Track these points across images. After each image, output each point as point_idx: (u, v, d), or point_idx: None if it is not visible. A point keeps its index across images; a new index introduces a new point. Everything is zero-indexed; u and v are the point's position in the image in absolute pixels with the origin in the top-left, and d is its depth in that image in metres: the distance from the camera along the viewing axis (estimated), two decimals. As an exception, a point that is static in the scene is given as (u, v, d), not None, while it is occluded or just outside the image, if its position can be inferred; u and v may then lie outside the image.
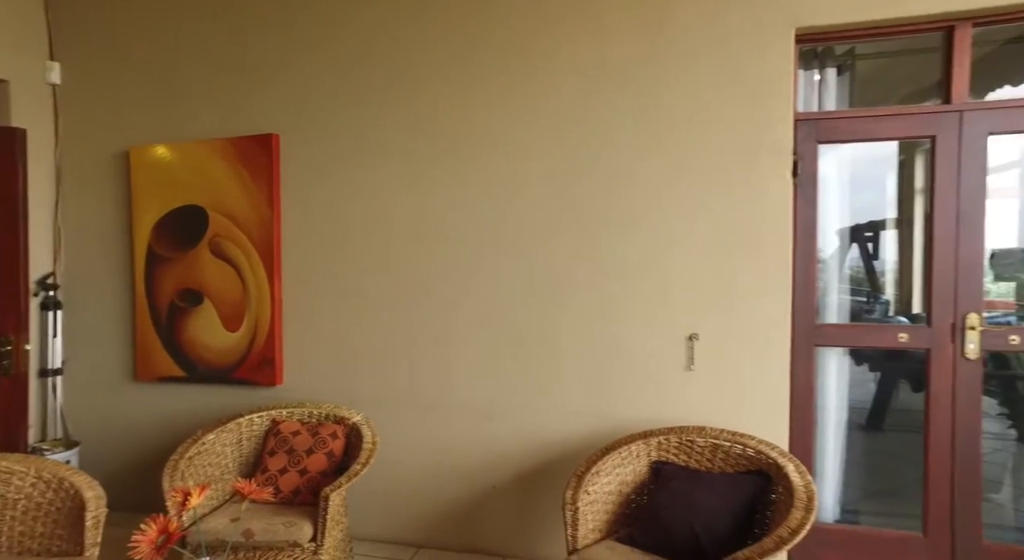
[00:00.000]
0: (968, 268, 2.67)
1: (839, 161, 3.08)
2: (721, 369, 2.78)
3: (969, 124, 2.66)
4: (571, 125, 2.92)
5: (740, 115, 2.76)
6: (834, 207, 3.09)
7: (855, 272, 4.26)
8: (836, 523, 2.96)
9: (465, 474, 3.08)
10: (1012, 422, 3.21)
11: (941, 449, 2.70)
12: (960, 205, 2.67)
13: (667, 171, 2.83)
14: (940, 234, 2.70)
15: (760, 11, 2.72)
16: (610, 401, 2.89)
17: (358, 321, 3.21)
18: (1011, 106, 2.67)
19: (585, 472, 2.41)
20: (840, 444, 3.03)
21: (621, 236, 2.88)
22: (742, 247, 2.76)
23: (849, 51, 3.04)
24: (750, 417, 2.73)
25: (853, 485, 3.14)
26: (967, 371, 2.67)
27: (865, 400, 3.92)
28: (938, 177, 2.70)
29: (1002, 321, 3.06)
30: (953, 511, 2.68)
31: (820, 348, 2.90)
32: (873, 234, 4.17)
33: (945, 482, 2.70)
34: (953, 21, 2.65)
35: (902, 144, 3.20)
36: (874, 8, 2.63)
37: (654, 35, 2.83)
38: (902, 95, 3.25)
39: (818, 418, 2.95)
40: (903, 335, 2.78)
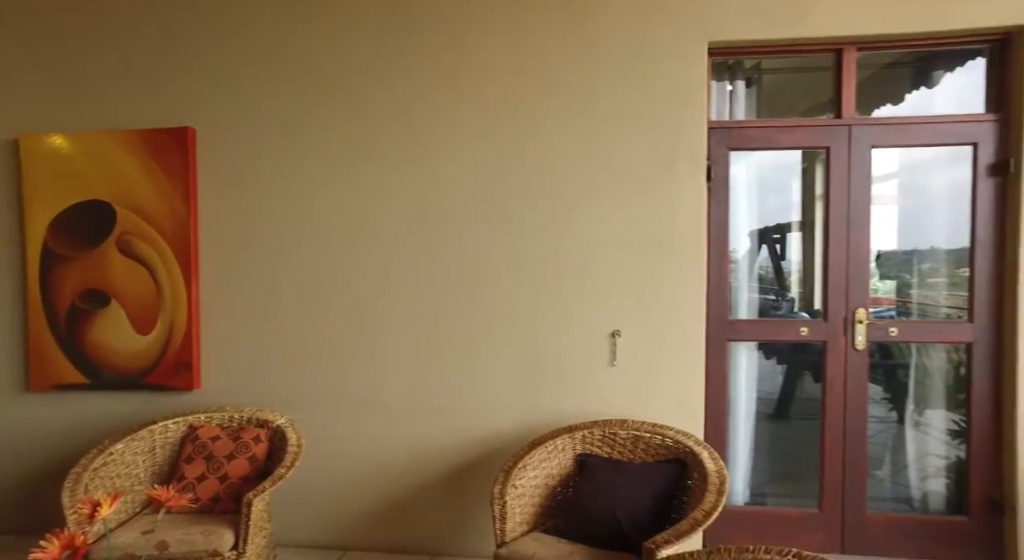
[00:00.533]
0: (857, 267, 2.94)
1: (751, 167, 3.31)
2: (642, 364, 2.92)
3: (856, 137, 2.93)
4: (497, 125, 2.98)
5: (659, 122, 2.91)
6: (746, 210, 3.32)
7: (765, 272, 4.57)
8: (746, 505, 3.19)
9: (394, 473, 3.07)
10: (893, 406, 3.56)
11: (835, 432, 2.96)
12: (850, 210, 2.94)
13: (591, 173, 2.94)
14: (834, 236, 2.97)
15: (677, 24, 2.88)
16: (537, 397, 2.97)
17: (283, 321, 3.12)
18: (889, 123, 2.97)
19: (512, 467, 2.47)
20: (750, 432, 3.25)
21: (546, 235, 2.96)
22: (660, 247, 2.91)
23: (756, 66, 3.27)
24: (669, 409, 2.89)
25: (761, 470, 3.38)
26: (856, 360, 2.94)
27: (774, 391, 4.21)
28: (831, 185, 2.96)
29: (885, 315, 3.38)
30: (844, 488, 2.95)
31: (732, 342, 3.11)
32: (780, 236, 4.49)
33: (837, 462, 2.96)
34: (841, 44, 2.91)
35: (804, 153, 3.47)
36: (775, 28, 2.85)
37: (578, 42, 2.93)
38: (803, 109, 3.52)
39: (730, 408, 3.16)
40: (804, 329, 3.03)
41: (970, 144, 2.86)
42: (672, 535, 2.01)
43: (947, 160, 3.08)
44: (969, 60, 3.00)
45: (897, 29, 2.81)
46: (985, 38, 2.85)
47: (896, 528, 2.96)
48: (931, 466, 3.17)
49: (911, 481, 3.20)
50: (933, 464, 3.17)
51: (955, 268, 3.18)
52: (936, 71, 3.19)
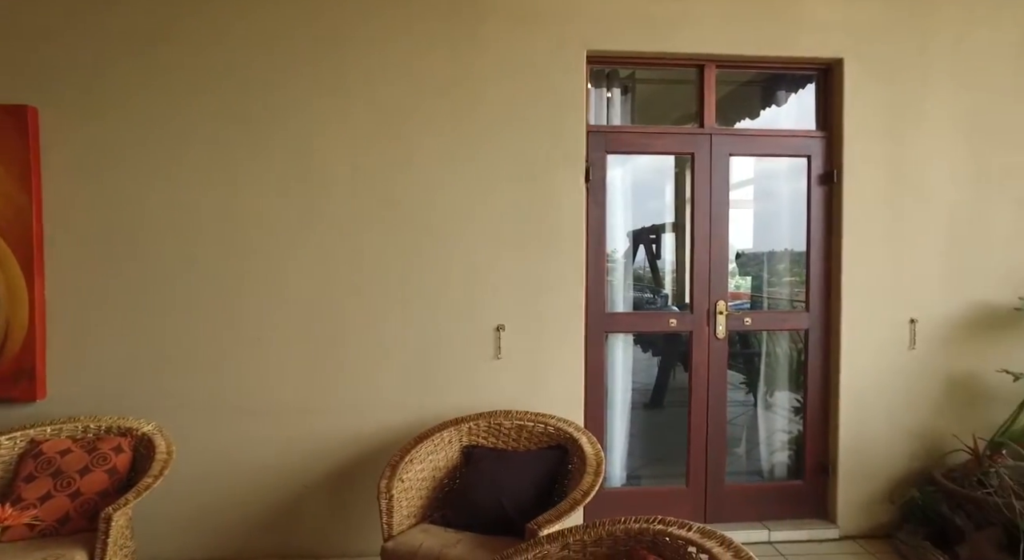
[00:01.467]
0: (718, 264, 3.25)
1: (631, 171, 3.54)
2: (525, 356, 3.03)
3: (716, 145, 3.23)
4: (388, 124, 2.95)
5: (541, 124, 3.03)
6: (624, 212, 3.54)
7: (643, 270, 4.90)
8: (623, 487, 3.40)
9: (278, 477, 2.94)
10: (749, 389, 3.97)
11: (699, 414, 3.25)
12: (712, 212, 3.24)
13: (477, 174, 3.00)
14: (698, 236, 3.25)
15: (559, 33, 3.02)
16: (425, 392, 2.99)
17: (155, 323, 2.88)
18: (742, 134, 3.32)
19: (399, 461, 2.47)
20: (626, 420, 3.47)
21: (434, 233, 2.98)
22: (542, 244, 3.03)
23: (631, 75, 3.50)
24: (552, 398, 3.02)
25: (637, 454, 3.62)
26: (717, 348, 3.25)
27: (652, 383, 4.51)
28: (696, 188, 3.24)
29: (742, 307, 3.77)
30: (707, 465, 3.25)
31: (610, 335, 3.31)
32: (656, 237, 4.83)
33: (701, 442, 3.25)
34: (703, 61, 3.20)
35: (677, 159, 3.77)
36: (647, 42, 3.08)
37: (466, 47, 2.98)
38: (676, 118, 3.81)
39: (609, 397, 3.36)
40: (673, 320, 3.30)
41: (805, 156, 3.26)
42: (553, 515, 2.12)
43: (792, 170, 3.48)
44: (809, 83, 3.41)
45: (748, 51, 3.14)
46: (815, 66, 3.27)
47: (749, 496, 3.31)
48: (778, 440, 3.57)
49: (762, 455, 3.58)
50: (779, 439, 3.57)
51: (798, 265, 3.60)
52: (782, 92, 3.60)
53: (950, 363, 3.22)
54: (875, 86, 3.17)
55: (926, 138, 3.19)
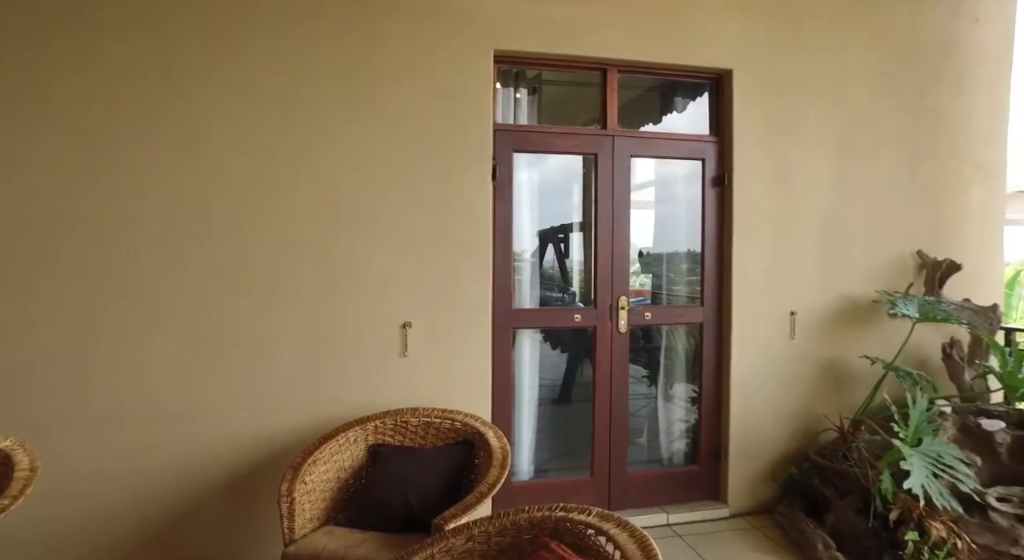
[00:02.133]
0: (620, 261, 3.38)
1: (541, 171, 3.60)
2: (432, 353, 3.02)
3: (619, 147, 3.37)
4: (284, 118, 2.84)
5: (448, 121, 3.03)
6: (537, 211, 3.61)
7: (552, 268, 5.00)
8: (530, 480, 3.46)
9: (166, 488, 2.75)
10: (651, 382, 4.16)
11: (603, 406, 3.38)
12: (614, 211, 3.38)
13: (381, 170, 2.95)
14: (601, 234, 3.37)
15: (466, 31, 3.03)
16: (329, 391, 2.90)
17: (13, 332, 2.60)
18: (643, 136, 3.48)
19: (302, 462, 2.39)
20: (534, 414, 3.54)
21: (336, 230, 2.90)
22: (449, 241, 3.03)
23: (538, 76, 3.57)
24: (459, 394, 3.03)
25: (545, 448, 3.70)
26: (620, 342, 3.39)
27: (560, 379, 4.61)
28: (599, 188, 3.36)
29: (643, 303, 3.93)
30: (610, 455, 3.38)
31: (518, 331, 3.36)
32: (564, 236, 4.94)
33: (605, 433, 3.38)
34: (605, 65, 3.33)
35: (584, 159, 3.87)
36: (552, 44, 3.16)
37: (374, 43, 2.93)
38: (584, 119, 3.91)
39: (518, 393, 3.42)
40: (577, 316, 3.40)
41: (700, 159, 3.47)
42: (459, 509, 2.13)
43: (690, 173, 3.68)
44: (705, 91, 3.62)
45: (648, 58, 3.30)
46: (709, 75, 3.49)
47: (650, 483, 3.48)
48: (676, 429, 3.78)
49: (662, 443, 3.77)
50: (678, 427, 3.78)
51: (695, 263, 3.82)
52: (682, 98, 3.80)
53: (823, 351, 3.54)
54: (760, 96, 3.42)
55: (803, 146, 3.49)
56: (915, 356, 3.55)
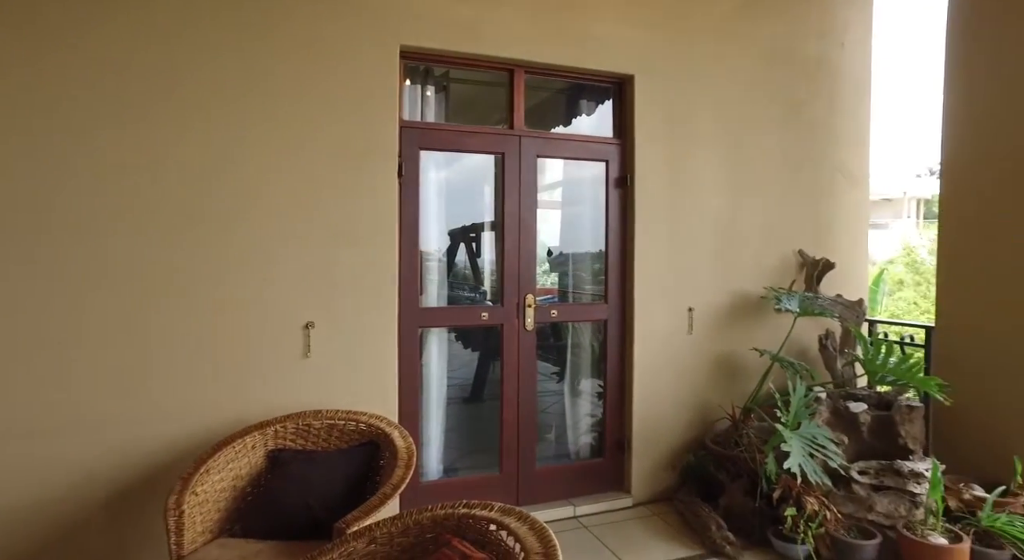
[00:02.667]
0: (526, 260, 3.44)
1: (456, 170, 3.58)
2: (337, 353, 2.93)
3: (525, 147, 3.43)
4: (179, 108, 2.67)
5: (355, 117, 2.96)
6: (449, 210, 3.58)
7: (464, 268, 4.98)
8: (440, 479, 3.45)
9: (40, 510, 2.49)
10: (560, 378, 4.26)
11: (511, 403, 3.42)
12: (521, 210, 3.43)
13: (283, 166, 2.83)
14: (508, 232, 3.42)
15: (372, 25, 2.97)
16: (226, 396, 2.75)
17: None
18: (549, 137, 3.55)
19: (193, 473, 2.25)
20: (443, 414, 3.52)
21: (232, 228, 2.75)
22: (354, 239, 2.96)
23: (446, 74, 3.56)
24: (365, 395, 2.96)
25: (455, 447, 3.69)
26: (527, 339, 3.44)
27: (472, 377, 4.60)
28: (506, 187, 3.40)
29: (550, 301, 4.01)
30: (519, 451, 3.43)
31: (427, 330, 3.33)
32: (476, 235, 4.95)
33: (513, 429, 3.42)
34: (512, 66, 3.37)
35: (496, 159, 3.89)
36: (459, 42, 3.16)
37: (280, 36, 2.81)
38: (495, 119, 3.92)
39: (427, 392, 3.39)
40: (485, 314, 3.42)
41: (604, 161, 3.59)
42: (362, 512, 2.09)
43: (598, 174, 3.78)
44: (610, 95, 3.74)
45: (553, 60, 3.37)
46: (612, 79, 3.62)
47: (558, 477, 3.56)
48: (584, 424, 3.89)
49: (569, 438, 3.87)
50: (585, 422, 3.89)
51: (601, 262, 3.94)
52: (589, 101, 3.91)
53: (718, 344, 3.77)
54: (659, 102, 3.59)
55: (698, 151, 3.70)
56: (797, 347, 3.86)
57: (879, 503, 2.94)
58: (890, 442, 3.11)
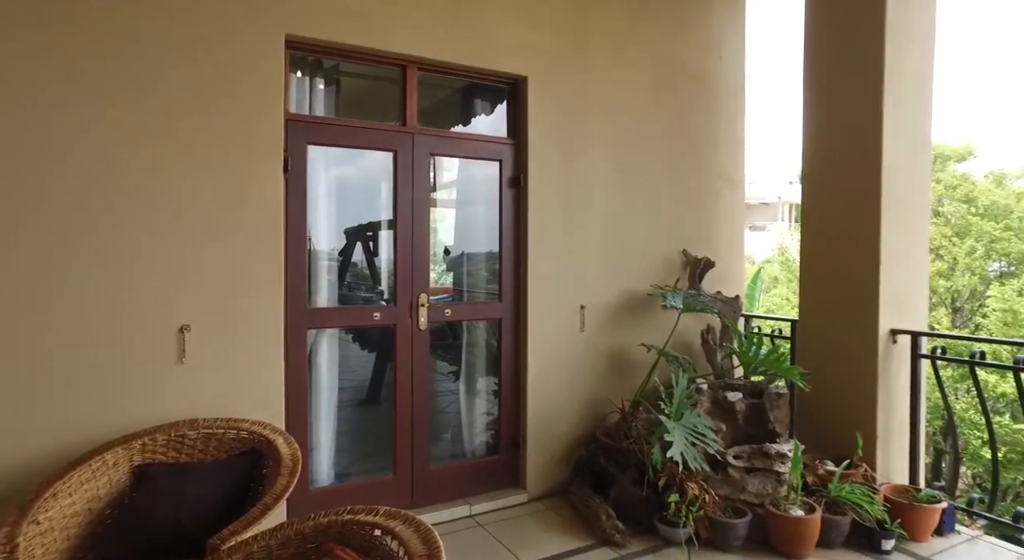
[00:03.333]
0: (420, 259, 3.40)
1: (355, 168, 3.46)
2: (216, 358, 2.75)
3: (419, 145, 3.38)
4: (46, 94, 2.38)
5: (235, 108, 2.79)
6: (343, 207, 3.45)
7: (362, 266, 4.83)
8: (331, 485, 3.32)
9: None
10: (456, 377, 4.25)
11: (404, 404, 3.36)
12: (414, 209, 3.38)
13: (157, 157, 2.62)
14: (401, 231, 3.36)
15: (254, 11, 2.81)
16: (86, 409, 2.49)
17: None
18: (443, 135, 3.53)
19: (34, 500, 2.01)
20: (334, 417, 3.40)
21: (101, 225, 2.51)
22: (235, 237, 2.79)
23: (336, 67, 3.43)
24: (249, 401, 2.80)
25: (348, 451, 3.58)
26: (421, 339, 3.40)
27: (368, 379, 4.47)
28: (399, 185, 3.34)
29: (445, 300, 3.99)
30: (413, 452, 3.38)
31: (318, 331, 3.20)
32: (373, 234, 4.82)
33: (407, 431, 3.37)
34: (405, 62, 3.32)
35: (391, 155, 3.79)
36: (349, 34, 3.07)
37: (156, 19, 2.60)
38: (391, 116, 3.81)
39: (317, 396, 3.26)
40: (377, 314, 3.34)
41: (498, 161, 3.62)
42: (240, 525, 1.97)
43: (494, 173, 3.80)
44: (506, 96, 3.77)
45: (447, 58, 3.35)
46: (506, 80, 3.65)
47: (453, 476, 3.55)
48: (480, 422, 3.90)
49: (465, 437, 3.87)
50: (481, 420, 3.90)
51: (496, 261, 3.97)
52: (486, 101, 3.91)
53: (609, 341, 3.91)
54: (552, 104, 3.67)
55: (589, 153, 3.81)
56: (683, 341, 4.09)
57: (751, 483, 3.17)
58: (762, 427, 3.36)
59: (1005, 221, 11.04)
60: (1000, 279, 11.10)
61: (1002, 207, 11.18)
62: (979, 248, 11.03)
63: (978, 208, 11.41)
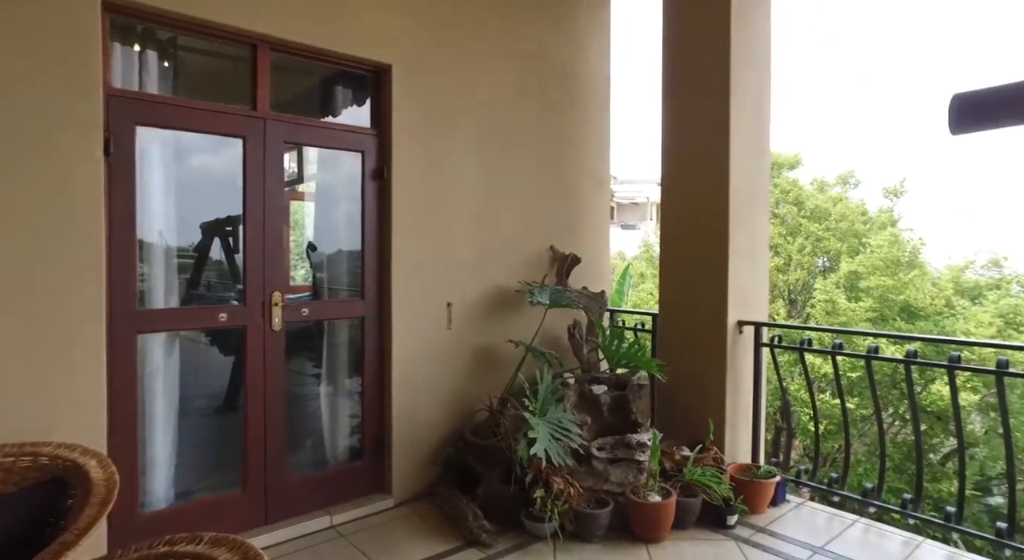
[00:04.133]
0: (273, 255, 3.13)
1: (212, 154, 3.10)
2: (14, 373, 2.34)
3: (271, 132, 3.11)
4: None
5: (39, 79, 2.38)
6: (200, 200, 3.12)
7: (221, 264, 4.38)
8: (169, 506, 2.96)
9: None
10: (319, 380, 3.99)
11: (256, 412, 3.09)
12: (267, 200, 3.11)
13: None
14: (251, 224, 3.08)
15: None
16: None
17: None
18: (300, 123, 3.27)
19: None
20: (175, 430, 3.03)
21: None
22: (43, 230, 2.39)
23: (173, 41, 3.06)
24: (61, 421, 2.41)
25: (193, 465, 3.22)
26: (275, 341, 3.14)
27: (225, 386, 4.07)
28: (249, 174, 3.05)
29: (304, 298, 3.73)
30: (266, 463, 3.12)
31: (151, 336, 2.84)
32: (233, 228, 4.39)
33: (260, 440, 3.10)
34: (255, 40, 3.03)
35: (240, 141, 3.45)
36: (182, 2, 2.73)
37: None
38: (244, 99, 3.46)
39: (153, 408, 2.89)
40: (223, 315, 3.04)
41: (360, 152, 3.43)
42: (30, 570, 1.66)
43: (356, 165, 3.59)
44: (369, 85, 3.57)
45: (304, 40, 3.11)
46: (369, 68, 3.47)
47: (314, 485, 3.32)
48: (343, 426, 3.69)
49: (327, 442, 3.64)
50: (345, 424, 3.69)
51: (360, 256, 3.77)
52: (353, 89, 3.67)
53: (477, 337, 3.86)
54: (418, 95, 3.54)
55: (456, 146, 3.73)
56: (551, 337, 4.14)
57: (613, 474, 3.27)
58: (625, 418, 3.48)
59: (826, 222, 12.53)
60: (823, 273, 12.58)
61: (823, 210, 12.69)
62: (808, 246, 12.42)
63: (806, 211, 12.85)
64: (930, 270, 11.60)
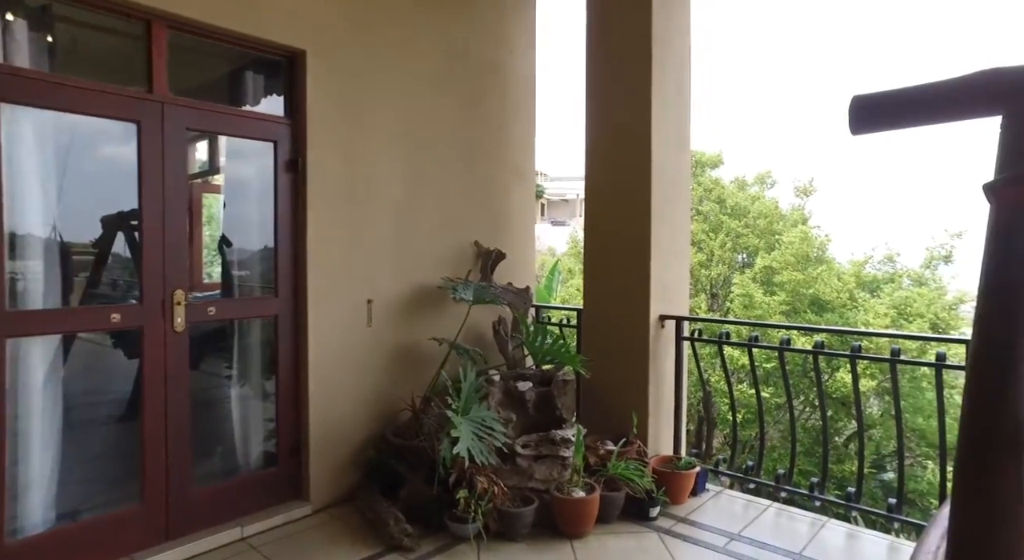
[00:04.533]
0: (174, 250, 2.90)
1: (113, 141, 2.81)
2: None
3: (171, 117, 2.87)
4: None
5: None
6: (96, 191, 2.87)
7: (124, 260, 4.03)
8: (49, 529, 2.66)
9: None
10: (230, 383, 3.75)
11: (155, 420, 2.86)
12: (166, 191, 2.87)
13: None
14: (149, 217, 2.84)
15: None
16: None
17: None
18: (204, 108, 3.03)
19: None
20: (59, 445, 2.74)
21: None
22: None
23: (48, 9, 2.76)
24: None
25: (85, 482, 2.94)
26: (177, 343, 2.91)
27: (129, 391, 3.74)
28: (144, 163, 2.81)
29: (213, 296, 3.49)
30: (168, 474, 2.89)
31: (24, 341, 2.55)
32: (139, 222, 4.04)
33: (160, 450, 2.87)
34: (149, 15, 2.79)
35: (135, 127, 3.16)
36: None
37: None
38: (139, 80, 3.19)
39: (28, 422, 2.60)
40: (116, 315, 2.78)
41: (272, 141, 3.23)
42: None
43: (268, 156, 3.38)
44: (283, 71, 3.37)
45: (206, 19, 2.89)
46: (281, 53, 3.28)
47: (222, 496, 3.12)
48: (255, 432, 3.48)
49: (240, 449, 3.42)
50: (257, 429, 3.49)
51: (272, 251, 3.56)
52: (266, 76, 3.45)
53: (399, 335, 3.75)
54: (335, 83, 3.38)
55: (376, 138, 3.59)
56: (475, 334, 4.08)
57: (538, 471, 3.25)
58: (550, 414, 3.47)
59: (745, 219, 13.14)
60: (741, 269, 13.21)
61: (743, 208, 13.31)
62: (728, 242, 12.99)
63: (727, 208, 13.43)
64: (836, 265, 12.38)
